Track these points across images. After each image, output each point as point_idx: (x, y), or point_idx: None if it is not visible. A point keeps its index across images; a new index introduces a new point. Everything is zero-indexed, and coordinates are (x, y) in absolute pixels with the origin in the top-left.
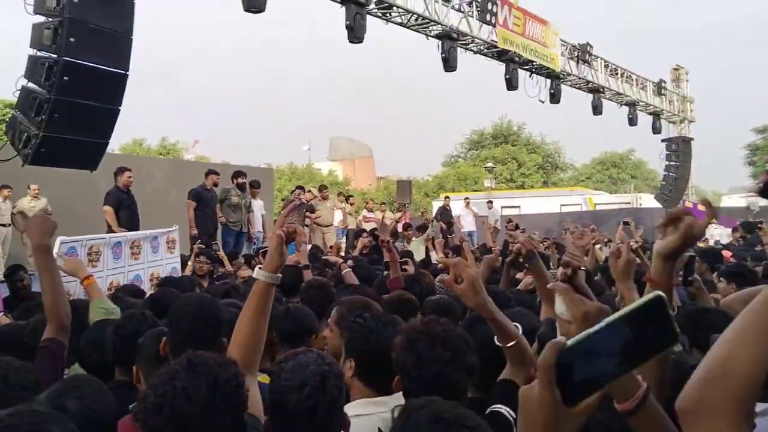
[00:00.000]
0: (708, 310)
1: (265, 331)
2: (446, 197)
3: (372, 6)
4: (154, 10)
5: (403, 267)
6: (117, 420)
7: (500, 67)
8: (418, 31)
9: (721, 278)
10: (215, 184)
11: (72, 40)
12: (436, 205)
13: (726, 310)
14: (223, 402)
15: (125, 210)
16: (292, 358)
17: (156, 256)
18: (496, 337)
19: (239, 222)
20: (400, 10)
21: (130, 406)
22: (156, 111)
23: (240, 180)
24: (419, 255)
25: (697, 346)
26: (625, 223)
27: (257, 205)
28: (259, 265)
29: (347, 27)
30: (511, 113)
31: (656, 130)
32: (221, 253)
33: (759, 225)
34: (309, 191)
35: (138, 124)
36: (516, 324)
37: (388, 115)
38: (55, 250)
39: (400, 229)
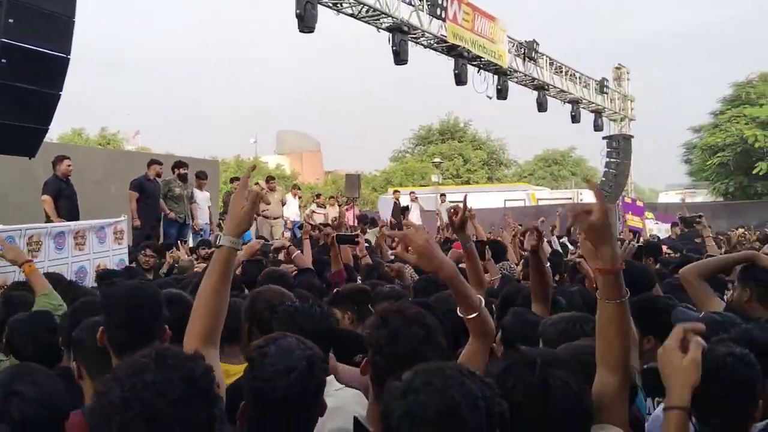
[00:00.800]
0: (658, 296)
1: (227, 300)
2: (395, 191)
3: None
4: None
5: (362, 256)
6: (69, 408)
7: (448, 63)
8: (369, 23)
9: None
10: (158, 175)
11: (11, 21)
12: (384, 199)
13: (670, 297)
14: (199, 397)
15: (65, 200)
16: (273, 343)
17: (103, 247)
18: (458, 309)
19: (182, 213)
20: (352, 1)
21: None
22: (97, 101)
23: (181, 171)
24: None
25: (645, 333)
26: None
27: (203, 197)
28: (223, 232)
29: (297, 16)
30: (457, 110)
31: (598, 127)
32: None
33: (697, 219)
34: (257, 183)
35: (77, 113)
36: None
37: (336, 109)
38: None
39: (351, 221)
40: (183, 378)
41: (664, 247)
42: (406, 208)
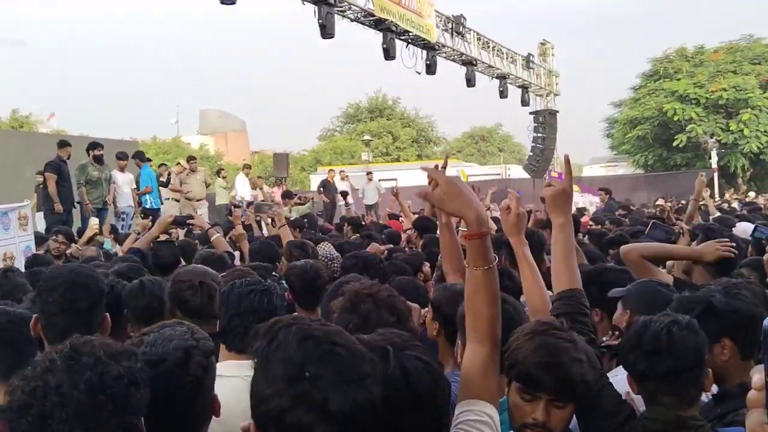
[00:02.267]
0: (609, 268)
1: None
2: (330, 170)
3: None
4: None
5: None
6: None
7: (376, 38)
8: None
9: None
10: (68, 157)
11: None
12: (315, 179)
13: (625, 267)
14: (108, 405)
15: None
16: (156, 331)
17: (7, 234)
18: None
19: (100, 198)
20: None
21: None
22: (4, 81)
23: (96, 152)
24: None
25: (595, 306)
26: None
27: (125, 179)
28: None
29: None
30: (385, 87)
31: (525, 102)
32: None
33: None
34: (178, 163)
35: None
36: None
37: (261, 88)
38: None
39: (278, 199)
40: (90, 382)
41: (586, 219)
42: (346, 193)
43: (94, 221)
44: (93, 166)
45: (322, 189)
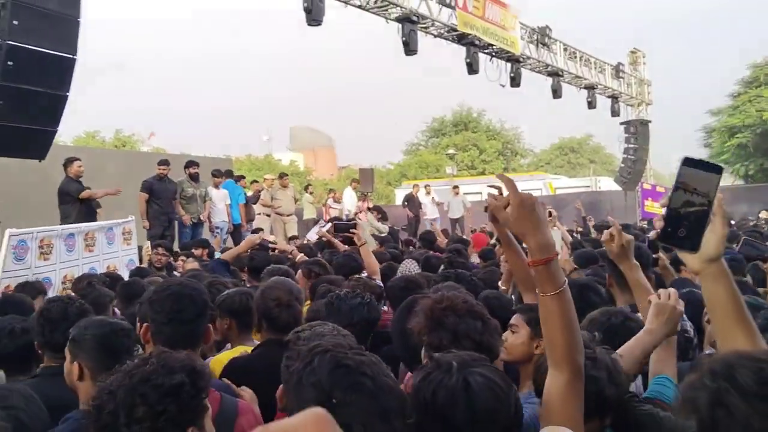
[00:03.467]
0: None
1: None
2: (415, 185)
3: None
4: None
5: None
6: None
7: (459, 53)
8: (377, 14)
9: None
10: (161, 176)
11: (15, 23)
12: (400, 193)
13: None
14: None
15: (81, 203)
16: (310, 329)
17: (112, 248)
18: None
19: (195, 213)
20: None
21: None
22: (110, 103)
23: (192, 170)
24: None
25: None
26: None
27: (220, 194)
28: None
29: (305, 9)
30: (470, 100)
31: (615, 113)
32: None
33: None
34: (265, 179)
35: (91, 116)
36: None
37: (348, 104)
38: (4, 243)
39: (363, 216)
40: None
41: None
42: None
43: (254, 237)
44: (188, 183)
45: (406, 203)
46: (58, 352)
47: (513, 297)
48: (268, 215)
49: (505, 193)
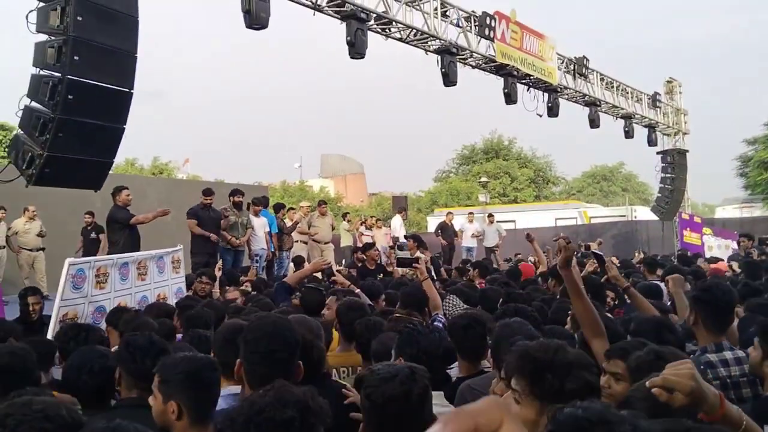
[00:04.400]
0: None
1: None
2: (449, 213)
3: (372, 22)
4: (142, 29)
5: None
6: None
7: (490, 82)
8: (417, 47)
9: None
10: (205, 206)
11: (76, 58)
12: (432, 221)
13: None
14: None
15: (129, 229)
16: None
17: (162, 277)
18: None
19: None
20: (400, 25)
21: None
22: (146, 131)
23: (236, 198)
24: None
25: None
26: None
27: (259, 223)
28: None
29: (348, 43)
30: (501, 128)
31: (652, 142)
32: None
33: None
34: (302, 206)
35: (128, 144)
36: None
37: (378, 132)
38: (64, 272)
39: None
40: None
41: (721, 264)
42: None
43: (320, 261)
44: (232, 210)
45: (440, 232)
46: (143, 381)
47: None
48: (305, 242)
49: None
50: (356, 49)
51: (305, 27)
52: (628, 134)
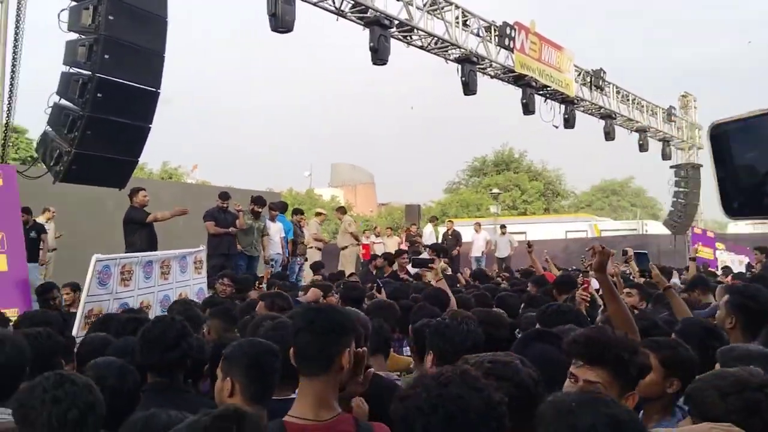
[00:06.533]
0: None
1: None
2: (449, 221)
3: (394, 29)
4: None
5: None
6: None
7: (504, 94)
8: (438, 55)
9: None
10: (227, 207)
11: (107, 56)
12: (443, 231)
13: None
14: (493, 421)
15: (145, 229)
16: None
17: (184, 276)
18: None
19: (250, 245)
20: (422, 33)
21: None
22: (155, 136)
23: (256, 207)
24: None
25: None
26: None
27: (275, 227)
28: None
29: (371, 49)
30: (512, 141)
31: (666, 156)
32: None
33: None
34: (317, 213)
35: None
36: None
37: (389, 142)
38: (90, 268)
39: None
40: (484, 399)
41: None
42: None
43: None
44: (248, 215)
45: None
46: (154, 371)
47: None
48: (320, 249)
49: None
50: (379, 55)
51: (320, 34)
52: (643, 147)
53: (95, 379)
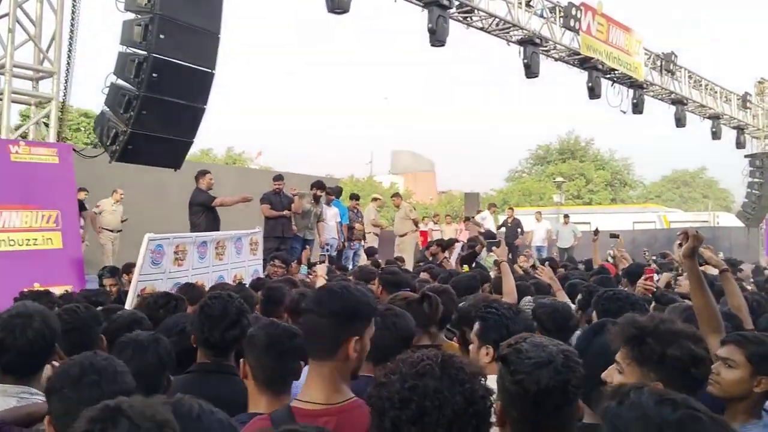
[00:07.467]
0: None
1: None
2: (510, 208)
3: (453, 10)
4: None
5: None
6: None
7: (569, 79)
8: (498, 36)
9: None
10: (281, 189)
11: (162, 36)
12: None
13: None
14: (474, 418)
15: (209, 211)
16: (524, 341)
17: (239, 258)
18: None
19: (305, 228)
20: (482, 14)
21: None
22: (219, 122)
23: (317, 192)
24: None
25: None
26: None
27: (331, 212)
28: None
29: (429, 30)
30: (578, 128)
31: (740, 144)
32: None
33: None
34: (374, 198)
35: (204, 134)
36: None
37: (450, 129)
38: (143, 247)
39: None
40: (464, 395)
41: None
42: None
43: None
44: (308, 197)
45: (504, 228)
46: (213, 349)
47: None
48: (377, 234)
49: None
50: (437, 36)
51: (381, 18)
52: (716, 135)
53: (168, 328)
